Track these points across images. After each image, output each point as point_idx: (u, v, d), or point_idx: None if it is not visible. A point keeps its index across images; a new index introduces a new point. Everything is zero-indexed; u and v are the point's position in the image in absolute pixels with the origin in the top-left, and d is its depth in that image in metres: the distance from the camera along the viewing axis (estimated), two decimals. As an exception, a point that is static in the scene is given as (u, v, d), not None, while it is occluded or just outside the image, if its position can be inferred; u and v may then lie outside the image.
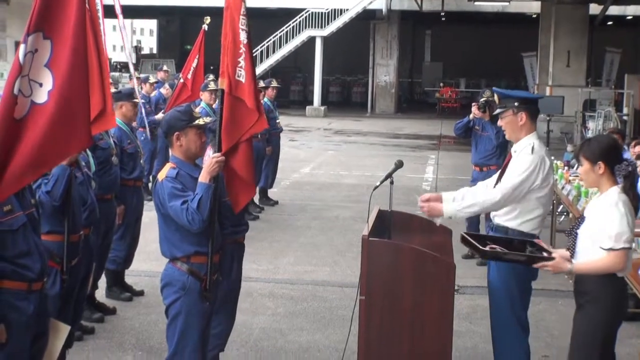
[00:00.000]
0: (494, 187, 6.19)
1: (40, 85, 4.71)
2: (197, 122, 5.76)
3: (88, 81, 4.84)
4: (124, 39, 12.35)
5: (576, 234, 5.34)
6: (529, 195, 6.06)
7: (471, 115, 11.28)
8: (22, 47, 4.73)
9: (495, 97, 6.45)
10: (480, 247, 5.50)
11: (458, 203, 6.19)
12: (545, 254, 5.46)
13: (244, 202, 6.29)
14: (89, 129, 4.86)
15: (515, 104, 6.19)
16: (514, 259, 5.56)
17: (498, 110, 6.31)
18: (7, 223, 4.84)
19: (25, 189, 4.95)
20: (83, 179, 6.77)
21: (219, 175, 5.65)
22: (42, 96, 4.70)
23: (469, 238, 5.67)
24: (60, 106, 4.68)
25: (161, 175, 5.66)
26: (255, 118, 5.81)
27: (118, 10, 11.47)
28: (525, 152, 6.09)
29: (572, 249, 5.36)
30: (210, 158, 5.64)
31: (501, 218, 6.17)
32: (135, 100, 9.11)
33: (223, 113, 5.74)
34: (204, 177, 5.55)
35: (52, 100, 4.68)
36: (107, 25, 12.25)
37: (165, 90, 16.28)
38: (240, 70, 5.77)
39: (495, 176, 6.36)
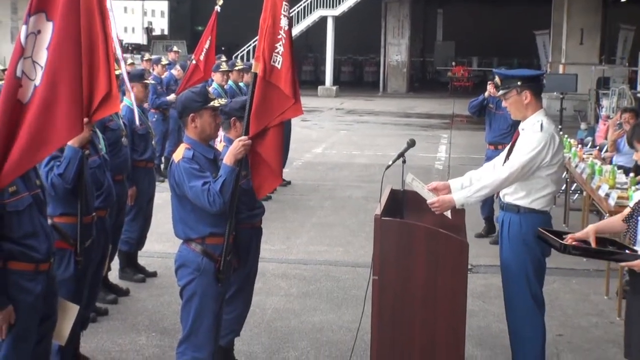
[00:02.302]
0: (503, 165, 6.15)
1: (42, 67, 4.68)
2: (212, 103, 5.71)
3: (81, 64, 4.79)
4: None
5: (637, 220, 5.18)
6: (538, 173, 6.01)
7: (486, 94, 11.22)
8: (23, 28, 4.69)
9: (497, 79, 6.38)
10: (560, 240, 5.26)
11: (467, 189, 6.15)
12: (627, 251, 5.20)
13: (268, 189, 6.25)
14: (81, 114, 4.81)
15: (518, 83, 6.12)
16: (599, 255, 5.36)
17: (502, 91, 6.24)
18: (12, 204, 4.83)
19: (30, 170, 4.93)
20: (100, 162, 6.76)
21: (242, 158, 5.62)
22: (40, 78, 4.67)
23: (546, 233, 5.45)
24: (53, 89, 4.63)
25: (177, 156, 5.63)
26: (290, 104, 5.73)
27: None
28: (534, 130, 6.03)
29: (632, 236, 5.20)
30: (237, 141, 5.59)
31: (512, 196, 6.13)
32: (146, 81, 9.09)
33: (254, 97, 5.67)
34: (229, 160, 5.51)
35: (44, 82, 4.65)
36: (118, 7, 12.26)
37: (176, 71, 16.26)
38: (276, 56, 5.68)
39: (503, 154, 6.32)
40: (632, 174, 8.95)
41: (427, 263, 5.55)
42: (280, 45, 5.70)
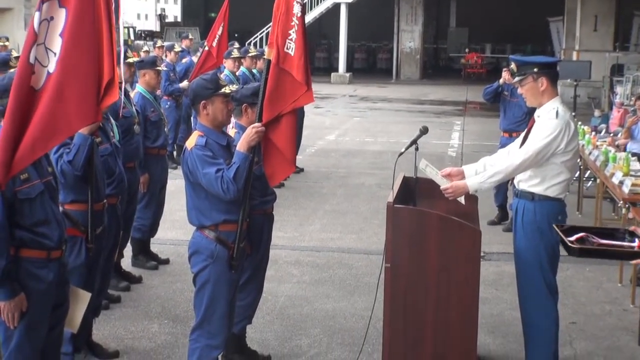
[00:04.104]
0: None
1: (55, 54, 4.67)
2: (223, 90, 5.71)
3: (95, 52, 4.77)
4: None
5: None
6: (553, 160, 5.99)
7: (501, 81, 11.16)
8: (36, 14, 4.69)
9: (513, 65, 6.36)
10: (569, 243, 5.23)
11: (481, 175, 6.13)
12: (637, 240, 5.15)
13: (281, 177, 6.24)
14: (96, 102, 4.80)
15: (535, 69, 6.10)
16: (607, 255, 5.31)
17: (518, 78, 6.22)
18: (24, 191, 4.84)
19: (42, 157, 4.93)
20: (112, 150, 6.77)
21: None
22: (54, 65, 4.66)
23: (558, 231, 5.40)
24: (66, 76, 4.62)
25: (190, 144, 5.63)
26: (302, 91, 5.72)
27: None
28: (550, 117, 6.01)
29: None
30: (250, 128, 5.59)
31: (526, 183, 6.11)
32: (158, 68, 9.08)
33: (267, 83, 5.67)
34: (242, 147, 5.51)
35: (58, 69, 4.64)
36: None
37: (196, 57, 16.22)
38: (290, 43, 5.68)
39: (518, 141, 6.30)
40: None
41: (440, 250, 5.54)
42: (293, 32, 5.69)
